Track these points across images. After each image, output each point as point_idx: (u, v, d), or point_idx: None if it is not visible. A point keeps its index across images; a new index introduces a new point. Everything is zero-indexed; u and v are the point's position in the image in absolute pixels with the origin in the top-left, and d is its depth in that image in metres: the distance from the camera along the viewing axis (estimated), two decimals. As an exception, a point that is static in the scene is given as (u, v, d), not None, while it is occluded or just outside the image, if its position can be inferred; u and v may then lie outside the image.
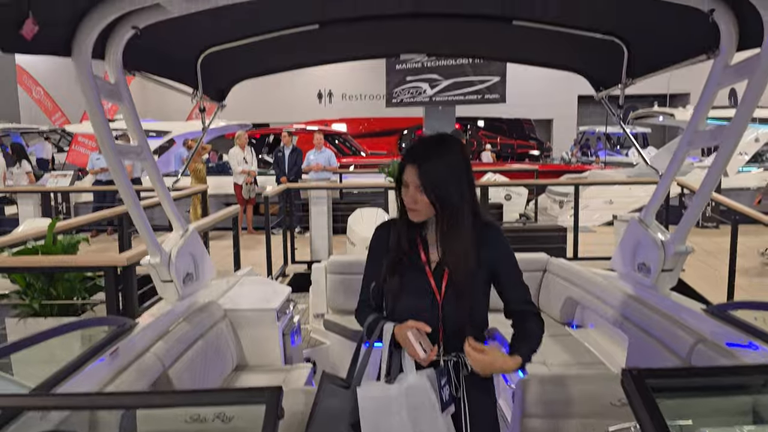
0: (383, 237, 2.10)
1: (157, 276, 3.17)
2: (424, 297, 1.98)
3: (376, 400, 1.86)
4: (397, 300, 2.01)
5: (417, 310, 1.97)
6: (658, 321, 2.94)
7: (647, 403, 1.06)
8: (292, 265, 7.97)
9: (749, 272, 7.84)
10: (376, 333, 1.99)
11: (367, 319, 2.08)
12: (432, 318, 1.95)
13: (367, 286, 2.15)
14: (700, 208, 2.85)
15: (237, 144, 10.91)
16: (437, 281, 1.99)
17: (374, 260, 2.12)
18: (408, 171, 1.92)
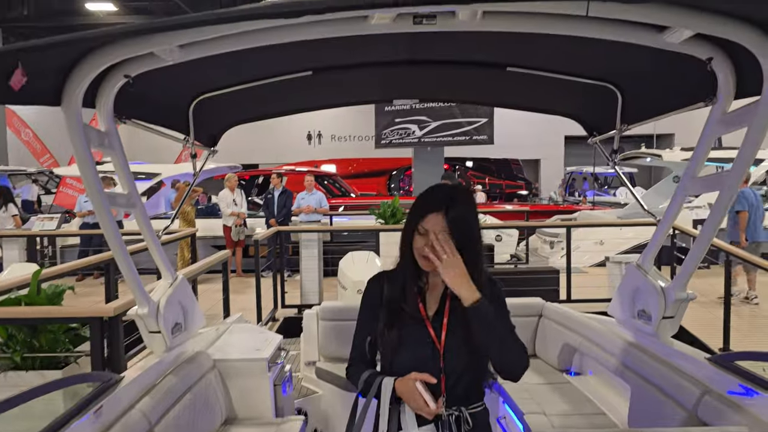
0: (376, 290, 2.05)
1: (145, 327, 3.06)
2: (424, 348, 1.93)
3: None
4: (397, 353, 1.94)
5: (418, 362, 1.91)
6: (661, 370, 2.86)
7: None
8: (282, 309, 7.84)
9: (742, 313, 7.80)
10: (374, 389, 1.93)
11: (362, 376, 2.01)
12: (433, 369, 1.89)
13: (361, 342, 2.07)
14: (701, 253, 2.81)
15: (226, 186, 10.86)
16: (437, 331, 1.94)
17: (368, 314, 2.07)
18: (430, 219, 1.89)
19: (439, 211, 1.89)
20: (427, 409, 1.80)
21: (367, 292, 2.11)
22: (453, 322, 1.94)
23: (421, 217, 1.91)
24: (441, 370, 1.90)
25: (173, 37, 1.72)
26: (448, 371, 1.91)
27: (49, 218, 10.74)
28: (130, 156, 2.87)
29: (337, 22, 1.78)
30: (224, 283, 5.93)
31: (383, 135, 18.01)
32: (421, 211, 1.92)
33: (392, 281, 2.02)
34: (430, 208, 1.91)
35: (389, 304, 1.98)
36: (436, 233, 1.86)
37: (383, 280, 2.05)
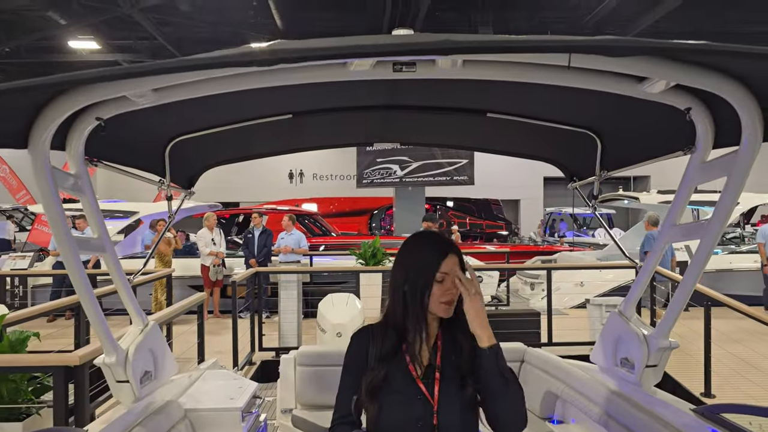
0: (362, 346, 1.95)
1: (112, 376, 2.93)
2: (417, 406, 1.84)
3: None
4: (387, 412, 1.84)
5: (411, 420, 1.82)
6: (645, 421, 2.80)
7: None
8: (259, 352, 7.66)
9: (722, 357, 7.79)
10: None
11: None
12: (426, 428, 1.81)
13: (346, 400, 1.96)
14: (684, 300, 2.78)
15: (205, 225, 10.74)
16: (429, 388, 1.86)
17: (353, 371, 1.96)
18: (448, 262, 1.86)
19: (454, 254, 1.88)
20: None
21: (351, 347, 2.01)
22: (446, 376, 1.87)
23: (439, 263, 1.86)
24: (435, 428, 1.81)
25: (146, 81, 1.67)
26: (443, 427, 1.82)
27: (22, 257, 10.49)
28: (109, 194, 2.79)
29: (316, 68, 1.75)
30: (199, 326, 5.77)
31: (365, 174, 18.08)
32: (437, 258, 1.86)
33: (380, 336, 1.94)
34: (445, 252, 1.87)
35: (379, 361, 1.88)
36: (457, 275, 1.84)
37: (369, 335, 1.97)
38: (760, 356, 7.58)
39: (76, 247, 2.44)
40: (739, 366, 7.41)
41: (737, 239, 13.28)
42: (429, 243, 1.92)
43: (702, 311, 6.63)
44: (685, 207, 2.66)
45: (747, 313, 5.85)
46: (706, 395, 6.41)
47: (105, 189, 22.50)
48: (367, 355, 1.92)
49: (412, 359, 1.89)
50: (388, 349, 1.88)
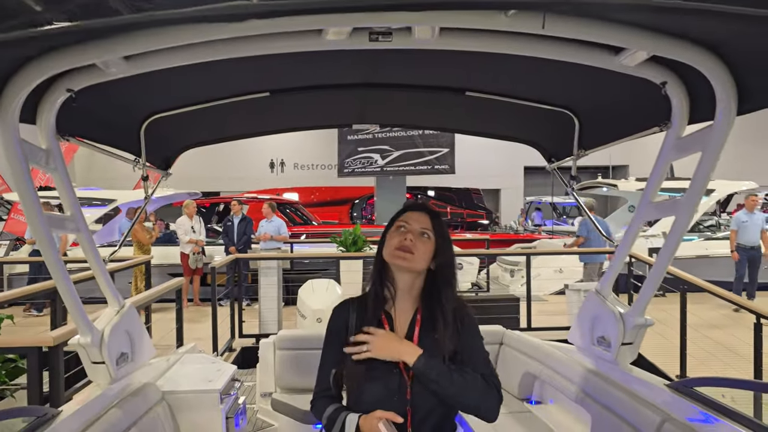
0: (342, 318, 1.95)
1: (87, 357, 2.89)
2: (391, 380, 1.83)
3: None
4: (362, 386, 1.83)
5: (384, 395, 1.81)
6: (621, 398, 2.83)
7: None
8: (239, 339, 7.63)
9: (698, 341, 7.91)
10: (338, 425, 1.82)
11: (326, 410, 1.90)
12: (400, 403, 1.80)
13: (326, 374, 1.96)
14: (658, 280, 2.81)
15: (185, 213, 10.64)
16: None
17: (333, 344, 1.95)
18: (414, 216, 1.89)
19: (423, 212, 1.90)
20: None
21: (332, 321, 2.01)
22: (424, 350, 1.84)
23: (400, 215, 1.90)
24: (408, 404, 1.80)
25: (114, 46, 1.64)
26: (415, 406, 1.81)
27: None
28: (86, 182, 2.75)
29: (290, 36, 1.72)
30: (178, 311, 5.73)
31: (346, 164, 18.04)
32: (401, 211, 1.92)
33: (360, 309, 1.94)
34: (414, 208, 1.91)
35: (355, 333, 1.88)
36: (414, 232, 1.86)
37: (349, 308, 1.96)
38: (737, 340, 7.72)
39: (48, 226, 2.40)
40: (715, 349, 7.54)
41: (713, 227, 13.49)
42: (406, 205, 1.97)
43: (679, 297, 6.72)
44: (661, 184, 2.68)
45: (721, 295, 5.95)
46: (681, 377, 6.51)
47: (82, 177, 22.19)
48: (347, 328, 1.91)
49: (391, 329, 1.89)
50: (368, 320, 1.88)
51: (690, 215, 2.49)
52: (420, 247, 1.85)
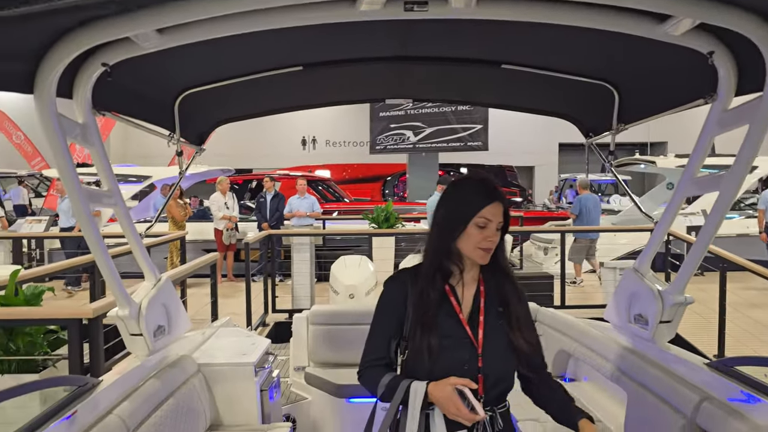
0: (399, 290, 1.93)
1: (125, 329, 2.96)
2: (462, 349, 1.83)
3: None
4: (433, 356, 1.80)
5: (454, 364, 1.80)
6: (659, 376, 2.78)
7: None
8: (272, 314, 7.73)
9: (737, 320, 7.74)
10: (400, 393, 1.79)
11: (381, 380, 1.86)
12: (470, 372, 1.79)
13: (380, 345, 1.94)
14: (700, 256, 2.73)
15: (218, 189, 10.75)
16: (473, 331, 1.85)
17: (389, 314, 1.94)
18: (493, 209, 1.84)
19: (500, 203, 1.85)
20: (470, 416, 1.68)
21: (387, 291, 1.98)
22: (489, 320, 1.87)
23: (482, 206, 1.83)
24: (479, 371, 1.80)
25: (148, 18, 1.63)
26: (487, 373, 1.82)
27: (38, 221, 10.59)
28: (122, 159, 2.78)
29: (323, 7, 1.69)
30: (212, 286, 5.82)
31: (378, 141, 17.98)
32: (480, 202, 1.84)
33: (419, 279, 1.90)
34: (491, 198, 1.84)
35: (424, 304, 1.85)
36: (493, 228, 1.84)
37: (407, 279, 1.93)
38: (778, 320, 7.52)
39: (86, 200, 2.44)
40: (755, 329, 7.37)
41: (755, 205, 13.09)
42: (478, 186, 1.88)
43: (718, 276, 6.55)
44: (704, 159, 2.60)
45: (762, 274, 5.78)
46: (719, 357, 6.39)
47: (118, 154, 22.58)
48: (405, 299, 1.89)
49: (458, 301, 1.89)
50: (435, 291, 1.86)
51: (734, 191, 2.41)
52: (496, 240, 1.86)
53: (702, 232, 2.67)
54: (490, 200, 1.83)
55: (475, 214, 1.82)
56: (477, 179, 1.91)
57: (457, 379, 1.73)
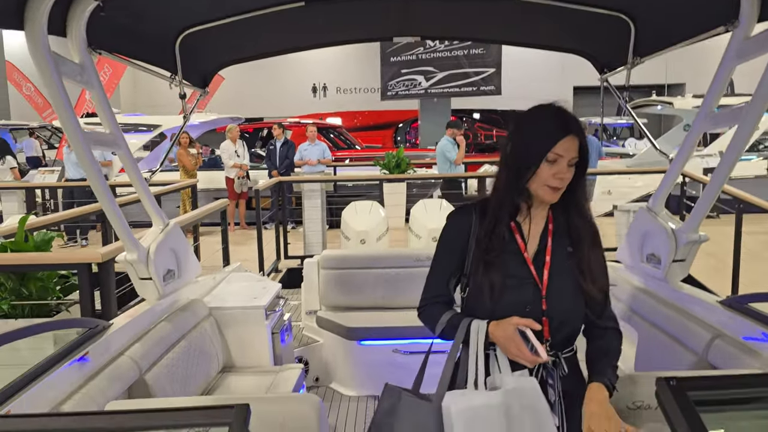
0: (462, 225, 1.83)
1: (135, 274, 2.97)
2: (524, 290, 1.74)
3: (475, 411, 1.60)
4: (495, 296, 1.73)
5: (518, 305, 1.72)
6: (670, 315, 2.76)
7: (690, 420, 0.87)
8: (285, 260, 7.78)
9: (753, 263, 7.68)
10: (462, 331, 1.74)
11: (442, 318, 1.81)
12: (533, 313, 1.71)
13: (440, 281, 1.87)
14: (715, 193, 2.66)
15: (228, 137, 10.69)
16: (538, 271, 1.76)
17: (449, 251, 1.85)
18: (567, 143, 1.68)
19: (575, 136, 1.70)
20: (531, 358, 1.62)
21: (450, 225, 1.89)
22: (556, 261, 1.77)
23: (555, 141, 1.68)
24: (543, 314, 1.73)
25: None
26: (551, 315, 1.73)
27: (50, 171, 10.63)
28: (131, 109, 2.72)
29: None
30: (223, 232, 5.83)
31: (389, 86, 17.69)
32: (554, 135, 1.68)
33: (485, 215, 1.80)
34: (566, 131, 1.69)
35: (488, 241, 1.76)
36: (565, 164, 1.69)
37: (472, 214, 1.83)
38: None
39: (88, 141, 2.40)
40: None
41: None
42: (551, 117, 1.74)
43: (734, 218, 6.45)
44: (723, 92, 2.49)
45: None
46: (733, 298, 6.35)
47: (127, 103, 22.48)
48: (468, 234, 1.81)
49: (523, 240, 1.78)
50: (501, 229, 1.76)
51: (753, 125, 2.32)
52: (568, 178, 1.72)
53: (719, 167, 2.59)
54: (563, 134, 1.69)
55: (547, 151, 1.68)
56: (548, 110, 1.75)
57: (520, 319, 1.66)
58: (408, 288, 4.34)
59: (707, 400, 0.92)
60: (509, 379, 1.65)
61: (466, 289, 1.83)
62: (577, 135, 1.70)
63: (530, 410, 1.61)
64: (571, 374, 1.79)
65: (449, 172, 8.74)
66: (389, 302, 4.39)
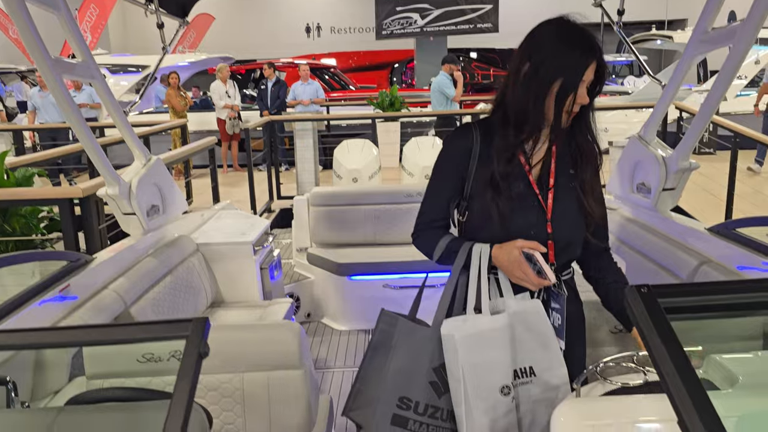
0: (463, 145, 1.72)
1: (118, 209, 2.93)
2: (530, 214, 1.67)
3: (477, 336, 1.56)
4: (501, 220, 1.65)
5: (522, 229, 1.65)
6: (658, 243, 2.74)
7: (660, 327, 0.84)
8: (277, 200, 7.75)
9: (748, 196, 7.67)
10: (462, 255, 1.68)
11: (439, 242, 1.74)
12: (539, 236, 1.65)
13: (437, 205, 1.78)
14: (708, 117, 2.60)
15: (218, 77, 10.47)
16: (543, 194, 1.68)
17: (448, 174, 1.76)
18: (591, 68, 1.59)
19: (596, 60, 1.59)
20: (537, 281, 1.57)
21: (449, 146, 1.78)
22: (560, 184, 1.70)
23: (585, 68, 1.58)
24: (548, 237, 1.67)
25: None
26: (557, 238, 1.68)
27: (39, 114, 10.41)
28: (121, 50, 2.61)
29: None
30: (212, 171, 5.77)
31: (384, 25, 17.28)
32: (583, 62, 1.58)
33: (486, 136, 1.70)
34: (593, 55, 1.58)
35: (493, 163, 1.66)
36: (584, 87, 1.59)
37: (473, 133, 1.72)
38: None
39: (57, 68, 2.32)
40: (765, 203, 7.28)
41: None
42: (578, 39, 1.60)
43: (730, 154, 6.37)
44: (719, 8, 2.40)
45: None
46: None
47: (117, 44, 21.96)
48: (469, 156, 1.71)
49: (528, 162, 1.70)
50: (508, 150, 1.67)
51: (748, 44, 2.24)
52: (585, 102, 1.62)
53: (712, 89, 2.52)
54: (591, 59, 1.58)
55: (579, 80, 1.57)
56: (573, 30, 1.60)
57: (525, 242, 1.60)
58: (399, 224, 4.33)
59: (678, 307, 0.90)
60: (513, 302, 1.62)
61: (465, 214, 1.75)
62: (597, 58, 1.59)
63: (535, 333, 1.59)
64: (571, 297, 1.75)
65: (445, 109, 8.56)
66: (380, 238, 4.39)
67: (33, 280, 2.17)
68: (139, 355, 1.86)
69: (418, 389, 1.60)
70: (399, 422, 1.59)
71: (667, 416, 1.10)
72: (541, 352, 1.60)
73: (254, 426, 1.89)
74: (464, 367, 1.54)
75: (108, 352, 1.85)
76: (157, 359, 1.85)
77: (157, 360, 1.85)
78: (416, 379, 1.61)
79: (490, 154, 1.68)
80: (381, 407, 1.60)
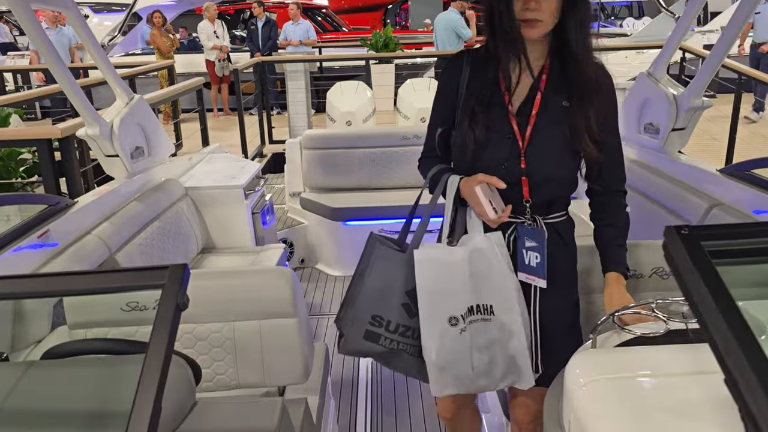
0: (453, 73, 1.67)
1: (100, 150, 2.79)
2: (503, 146, 1.58)
3: (437, 264, 1.57)
4: (477, 150, 1.59)
5: (494, 162, 1.58)
6: (667, 186, 2.63)
7: (705, 272, 0.73)
8: (270, 145, 7.56)
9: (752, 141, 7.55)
10: (440, 186, 1.66)
11: (431, 171, 1.72)
12: (509, 171, 1.57)
13: (433, 134, 1.75)
14: (722, 56, 2.45)
15: (205, 17, 10.07)
16: (521, 126, 1.58)
17: (441, 102, 1.72)
18: None
19: None
20: (487, 217, 1.54)
21: (442, 75, 1.75)
22: (546, 117, 1.58)
23: None
24: (522, 173, 1.58)
25: None
26: (531, 175, 1.58)
27: (21, 56, 10.08)
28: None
29: None
30: (200, 113, 5.56)
31: (377, -38, 16.68)
32: None
33: (475, 64, 1.64)
34: None
35: (472, 90, 1.61)
36: None
37: (462, 62, 1.66)
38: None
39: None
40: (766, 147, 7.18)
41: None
42: None
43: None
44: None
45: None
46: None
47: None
48: (458, 83, 1.65)
49: (508, 90, 1.59)
50: (486, 77, 1.60)
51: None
52: (542, 8, 1.47)
53: (728, 25, 2.37)
54: None
55: None
56: None
57: (485, 176, 1.54)
58: (394, 168, 4.19)
59: (724, 250, 0.79)
60: (479, 238, 1.59)
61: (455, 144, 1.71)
62: None
63: (494, 271, 1.57)
64: (557, 240, 1.66)
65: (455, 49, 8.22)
66: (375, 182, 4.26)
67: (8, 225, 2.05)
68: (123, 303, 1.76)
69: (390, 309, 1.61)
70: (371, 337, 1.61)
71: (693, 369, 1.01)
72: (499, 291, 1.57)
73: (247, 376, 1.81)
74: (420, 291, 1.57)
75: (88, 301, 1.75)
76: (142, 308, 1.75)
77: (143, 308, 1.75)
78: (389, 299, 1.61)
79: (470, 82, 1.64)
80: (356, 323, 1.62)
